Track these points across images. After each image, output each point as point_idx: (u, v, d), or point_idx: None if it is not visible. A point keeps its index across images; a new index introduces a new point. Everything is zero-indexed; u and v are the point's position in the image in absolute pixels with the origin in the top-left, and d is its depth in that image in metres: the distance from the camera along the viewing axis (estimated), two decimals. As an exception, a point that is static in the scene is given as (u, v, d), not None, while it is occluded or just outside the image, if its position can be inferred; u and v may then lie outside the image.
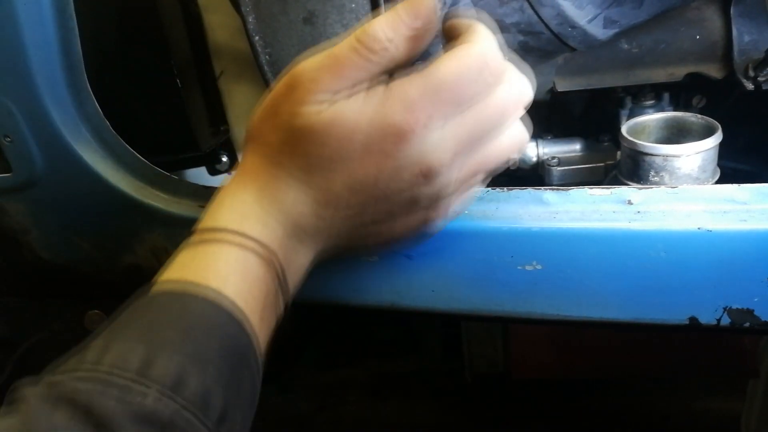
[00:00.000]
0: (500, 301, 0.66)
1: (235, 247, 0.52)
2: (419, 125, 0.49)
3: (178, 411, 0.41)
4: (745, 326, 0.60)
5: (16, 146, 0.76)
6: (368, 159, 0.51)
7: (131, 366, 0.42)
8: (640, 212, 0.61)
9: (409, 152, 0.50)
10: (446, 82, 0.49)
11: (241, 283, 0.51)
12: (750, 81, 0.70)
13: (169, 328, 0.46)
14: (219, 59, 0.94)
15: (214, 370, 0.45)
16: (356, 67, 0.50)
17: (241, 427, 0.48)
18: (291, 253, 0.56)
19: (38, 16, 0.71)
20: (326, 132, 0.51)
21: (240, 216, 0.54)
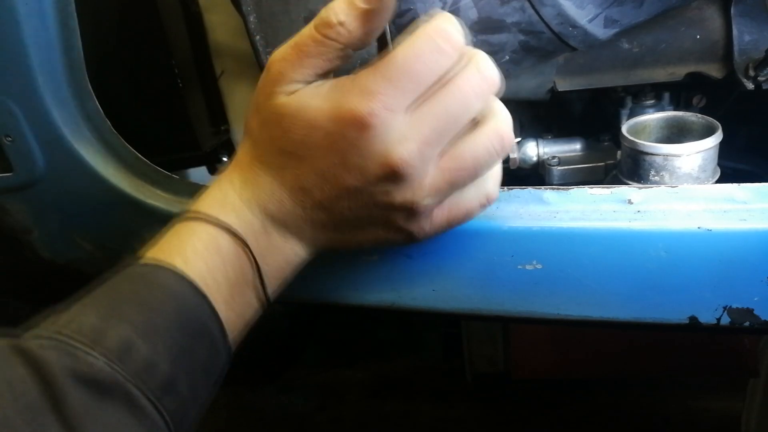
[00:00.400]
0: (500, 300, 0.66)
1: (210, 231, 0.55)
2: (378, 113, 0.49)
3: (119, 379, 0.45)
4: (745, 326, 0.60)
5: (17, 146, 0.77)
6: (332, 149, 0.51)
7: (86, 334, 0.46)
8: (641, 212, 0.61)
9: (371, 143, 0.50)
10: (402, 65, 0.49)
11: (210, 262, 0.54)
12: (750, 80, 0.70)
13: (127, 301, 0.50)
14: (219, 59, 0.94)
15: (162, 342, 0.49)
16: (315, 53, 0.51)
17: (190, 398, 0.51)
18: (270, 246, 0.57)
19: (39, 15, 0.71)
20: (294, 117, 0.52)
21: (219, 205, 0.56)
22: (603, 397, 1.93)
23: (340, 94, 0.50)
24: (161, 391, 0.47)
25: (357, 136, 0.50)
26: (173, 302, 0.51)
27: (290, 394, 2.19)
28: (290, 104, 0.52)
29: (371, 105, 0.49)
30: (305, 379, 2.23)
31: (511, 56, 0.70)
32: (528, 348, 1.72)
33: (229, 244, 0.55)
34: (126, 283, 0.52)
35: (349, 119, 0.50)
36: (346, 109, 0.50)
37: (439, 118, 0.51)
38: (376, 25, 0.51)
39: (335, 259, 0.69)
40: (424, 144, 0.51)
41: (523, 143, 0.83)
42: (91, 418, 0.44)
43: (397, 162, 0.50)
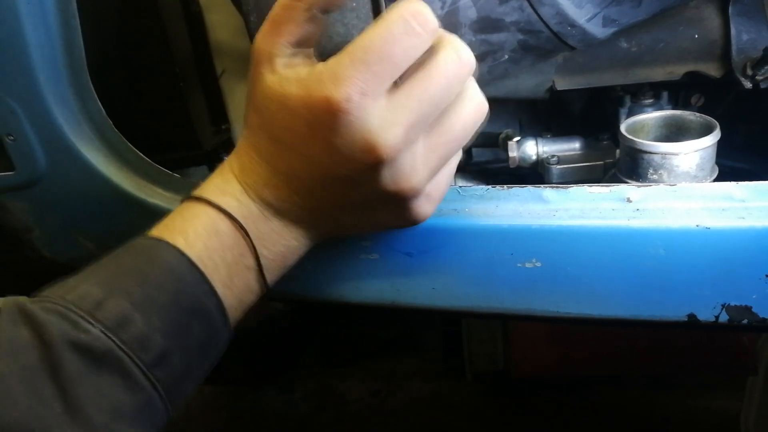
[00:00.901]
0: (500, 298, 0.66)
1: (210, 214, 0.56)
2: (353, 98, 0.48)
3: (113, 349, 0.48)
4: (744, 323, 0.60)
5: (19, 145, 0.77)
6: (315, 137, 0.51)
7: (86, 305, 0.49)
8: (639, 210, 0.61)
9: (351, 129, 0.49)
10: (376, 48, 0.48)
11: (209, 244, 0.55)
12: (748, 80, 0.70)
13: (128, 274, 0.53)
14: (220, 58, 0.94)
15: (158, 316, 0.51)
16: (284, 18, 0.51)
17: (184, 372, 0.53)
18: (270, 233, 0.58)
19: (41, 15, 0.71)
20: (278, 104, 0.52)
21: (220, 190, 0.57)
22: (603, 396, 1.93)
23: (315, 81, 0.49)
24: (154, 363, 0.50)
25: (335, 123, 0.49)
26: (172, 279, 0.53)
27: (290, 394, 2.19)
28: (274, 88, 0.52)
29: (345, 90, 0.48)
30: (305, 379, 2.23)
31: (510, 55, 0.70)
32: (528, 346, 1.73)
33: (228, 229, 0.56)
34: (129, 257, 0.54)
35: (324, 107, 0.49)
36: (321, 97, 0.49)
37: (421, 100, 0.50)
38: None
39: (336, 257, 0.70)
40: (408, 127, 0.50)
41: (523, 142, 0.83)
42: (85, 383, 0.46)
43: (383, 148, 0.50)
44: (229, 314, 0.57)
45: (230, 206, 0.56)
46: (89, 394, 0.46)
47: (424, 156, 0.53)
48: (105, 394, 0.47)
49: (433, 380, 2.14)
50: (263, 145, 0.56)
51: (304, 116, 0.50)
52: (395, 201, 0.55)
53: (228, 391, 2.24)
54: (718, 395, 1.85)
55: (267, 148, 0.55)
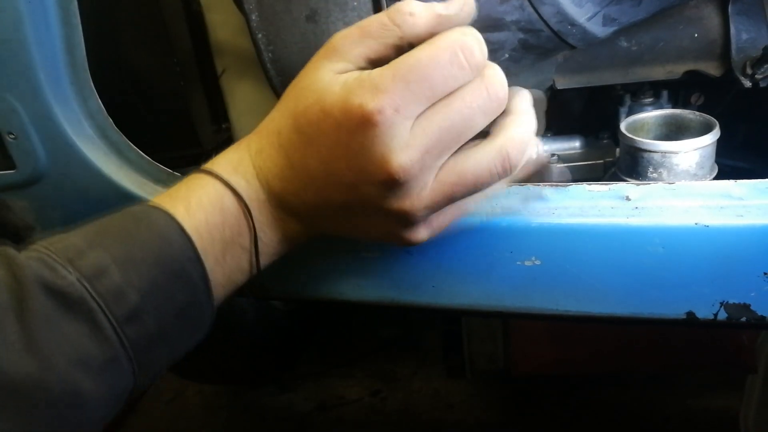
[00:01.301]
0: (499, 296, 0.66)
1: (218, 188, 0.56)
2: (385, 112, 0.49)
3: (86, 297, 0.48)
4: (742, 321, 0.61)
5: (20, 143, 0.77)
6: (338, 141, 0.52)
7: (68, 255, 0.49)
8: (638, 208, 0.62)
9: (374, 142, 0.50)
10: (417, 67, 0.49)
11: (210, 217, 0.55)
12: (747, 78, 0.70)
13: (113, 231, 0.53)
14: (221, 57, 0.95)
15: (137, 274, 0.50)
16: (375, 34, 0.52)
17: (157, 335, 0.52)
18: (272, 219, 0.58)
19: (42, 13, 0.72)
20: (316, 97, 0.53)
21: (233, 167, 0.57)
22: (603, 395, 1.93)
23: (355, 86, 0.50)
24: (125, 319, 0.49)
25: (362, 132, 0.50)
26: (157, 240, 0.52)
27: (290, 394, 2.19)
28: (321, 83, 0.53)
29: (381, 103, 0.49)
30: (305, 379, 2.23)
31: (511, 54, 0.70)
32: (528, 345, 1.73)
33: (233, 207, 0.56)
34: (118, 218, 0.54)
35: (356, 113, 0.49)
36: (357, 103, 0.49)
37: (442, 130, 0.51)
38: (443, 29, 0.52)
39: (336, 255, 0.70)
40: (425, 154, 0.51)
41: (523, 141, 0.84)
42: (51, 326, 0.46)
43: (397, 169, 0.50)
44: (215, 290, 0.56)
45: (240, 186, 0.56)
46: (54, 337, 0.46)
47: (432, 189, 0.53)
48: (70, 340, 0.47)
49: (433, 380, 2.14)
50: (287, 132, 0.55)
51: (335, 116, 0.51)
52: (393, 220, 0.55)
53: (228, 391, 2.24)
54: (718, 395, 1.85)
55: (289, 136, 0.55)
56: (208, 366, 1.88)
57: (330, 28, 0.71)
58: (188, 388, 2.26)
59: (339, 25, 0.70)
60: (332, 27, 0.70)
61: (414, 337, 2.30)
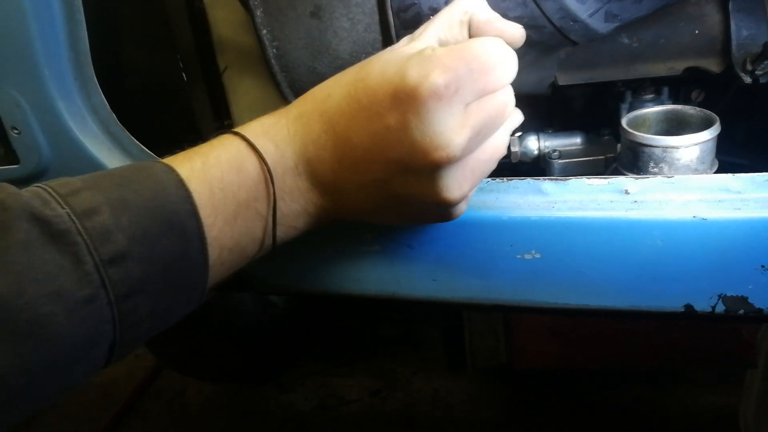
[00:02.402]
0: (500, 289, 0.67)
1: (242, 149, 0.55)
2: (450, 87, 0.50)
3: (72, 231, 0.46)
4: (740, 313, 0.61)
5: (24, 138, 0.77)
6: (395, 109, 0.51)
7: (62, 192, 0.48)
8: (637, 201, 0.62)
9: (432, 116, 0.50)
10: (482, 57, 0.51)
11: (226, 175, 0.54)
12: (748, 75, 0.70)
13: (113, 178, 0.51)
14: (223, 54, 0.95)
15: (127, 218, 0.49)
16: (446, 12, 0.59)
17: (139, 282, 0.49)
18: (295, 189, 0.57)
19: (46, 9, 0.72)
20: (381, 66, 0.53)
21: (264, 131, 0.56)
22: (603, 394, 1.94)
23: (423, 60, 0.51)
24: (110, 260, 0.47)
25: (423, 105, 0.50)
26: (153, 187, 0.51)
27: (290, 394, 2.20)
28: (389, 54, 0.54)
29: (447, 78, 0.50)
30: (305, 379, 2.24)
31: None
32: (529, 339, 1.73)
33: (253, 169, 0.55)
34: (122, 168, 0.53)
35: (419, 83, 0.50)
36: (422, 73, 0.50)
37: (489, 116, 0.54)
38: (497, 27, 0.59)
39: (337, 249, 0.70)
40: (474, 135, 0.53)
41: (525, 137, 0.84)
42: (30, 254, 0.44)
43: (454, 147, 0.51)
44: (220, 253, 0.55)
45: (266, 148, 0.55)
46: (32, 264, 0.44)
47: (472, 169, 0.55)
48: (47, 270, 0.45)
49: (433, 380, 2.15)
50: (337, 98, 0.55)
51: (394, 84, 0.51)
52: (433, 202, 0.55)
53: (228, 390, 2.24)
54: (718, 392, 1.86)
55: (339, 102, 0.54)
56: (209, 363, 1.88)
57: (334, 24, 0.71)
58: (188, 388, 2.27)
59: (343, 21, 0.71)
60: (336, 23, 0.71)
61: (414, 336, 2.30)
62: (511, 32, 0.59)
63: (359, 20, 0.70)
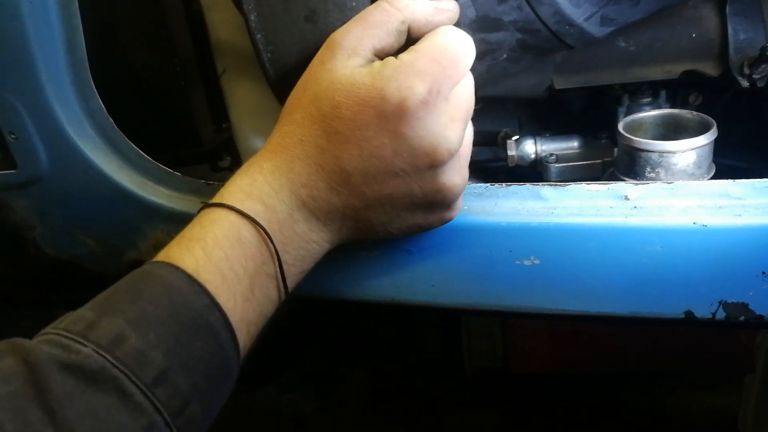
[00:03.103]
0: (499, 295, 0.67)
1: (232, 220, 0.54)
2: (432, 93, 0.51)
3: (107, 366, 0.44)
4: (740, 320, 0.61)
5: (21, 143, 0.77)
6: (383, 129, 0.52)
7: (78, 329, 0.46)
8: (637, 207, 0.62)
9: (423, 122, 0.51)
10: (449, 51, 0.52)
11: (230, 252, 0.53)
12: (745, 78, 0.70)
13: (122, 295, 0.50)
14: (221, 57, 0.95)
15: (155, 333, 0.47)
16: (377, 21, 0.55)
17: (189, 391, 0.48)
18: (294, 236, 0.56)
19: (43, 14, 0.72)
20: (347, 93, 0.52)
21: (245, 193, 0.55)
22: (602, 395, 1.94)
23: (393, 71, 0.51)
24: (155, 382, 0.46)
25: (411, 115, 0.51)
26: (168, 293, 0.50)
27: (290, 394, 2.19)
28: (343, 79, 0.53)
29: (426, 84, 0.50)
30: (305, 380, 2.23)
31: (509, 54, 0.70)
32: (527, 343, 1.73)
33: (251, 235, 0.54)
34: (124, 282, 0.52)
35: (401, 96, 0.50)
36: (402, 87, 0.50)
37: (469, 105, 0.55)
38: (439, 20, 0.56)
39: (336, 254, 0.70)
40: (463, 127, 0.54)
41: (522, 141, 0.84)
42: (76, 404, 0.43)
43: (451, 145, 0.53)
44: (248, 329, 0.54)
45: (255, 210, 0.54)
46: (82, 415, 0.43)
47: (464, 156, 0.57)
48: (101, 416, 0.43)
49: (433, 380, 2.14)
50: (313, 139, 0.55)
51: (375, 106, 0.51)
52: (440, 201, 0.57)
53: (228, 390, 2.24)
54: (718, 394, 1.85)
55: (317, 142, 0.54)
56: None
57: (329, 29, 0.71)
58: (188, 388, 2.26)
59: (337, 26, 0.70)
60: (331, 27, 0.70)
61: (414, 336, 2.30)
62: (451, 17, 0.58)
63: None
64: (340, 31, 0.56)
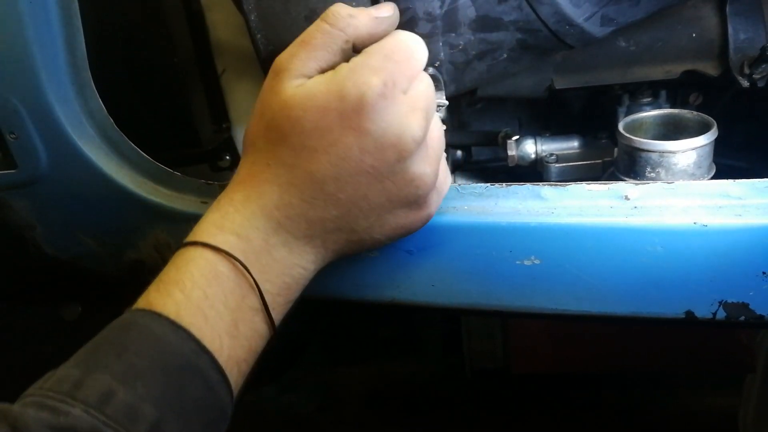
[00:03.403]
0: (499, 295, 0.67)
1: (207, 257, 0.53)
2: (387, 85, 0.51)
3: (98, 425, 0.43)
4: (741, 320, 0.61)
5: (21, 143, 0.77)
6: (348, 128, 0.52)
7: (64, 388, 0.45)
8: (637, 207, 0.62)
9: (384, 115, 0.52)
10: (400, 48, 0.53)
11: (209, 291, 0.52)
12: (745, 78, 0.70)
13: (106, 349, 0.49)
14: (221, 57, 0.95)
15: (143, 384, 0.46)
16: (320, 43, 0.54)
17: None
18: (273, 263, 0.55)
19: (43, 14, 0.72)
20: (303, 106, 0.53)
21: (217, 228, 0.55)
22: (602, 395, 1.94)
23: (348, 72, 0.52)
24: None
25: (371, 109, 0.51)
26: (152, 341, 0.49)
27: (290, 394, 2.19)
28: (297, 95, 0.53)
29: (381, 78, 0.51)
30: (305, 380, 2.23)
31: (509, 54, 0.70)
32: (527, 343, 1.73)
33: (227, 269, 0.53)
34: (105, 335, 0.50)
35: (360, 92, 0.51)
36: (358, 82, 0.51)
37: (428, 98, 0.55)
38: (381, 30, 0.56)
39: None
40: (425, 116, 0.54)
41: (522, 141, 0.84)
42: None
43: (416, 132, 0.53)
44: (238, 367, 0.53)
45: (229, 243, 0.54)
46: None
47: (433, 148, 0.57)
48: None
49: (433, 380, 2.14)
50: (280, 159, 0.54)
51: (335, 108, 0.52)
52: (414, 194, 0.56)
53: (228, 390, 2.24)
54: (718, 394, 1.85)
55: (284, 162, 0.54)
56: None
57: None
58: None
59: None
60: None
61: (414, 336, 2.30)
62: (392, 23, 0.58)
63: None
64: (284, 56, 0.56)
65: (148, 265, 0.83)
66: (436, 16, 0.66)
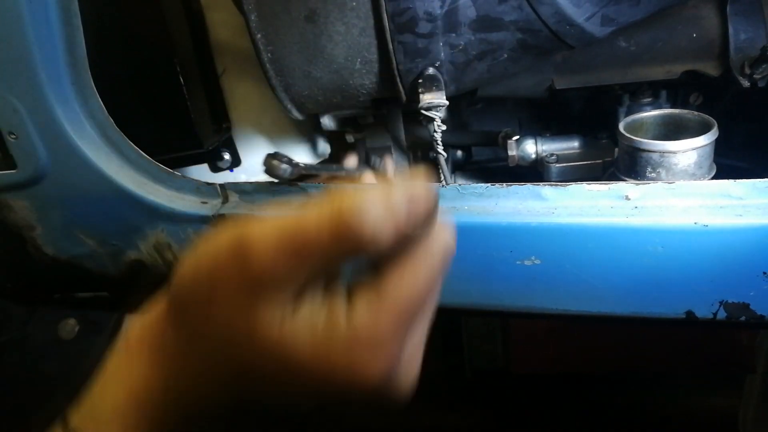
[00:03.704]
0: (499, 295, 0.66)
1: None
2: (392, 367, 0.40)
3: None
4: (741, 320, 0.61)
5: (21, 143, 0.77)
6: (324, 399, 0.44)
7: None
8: (638, 207, 0.62)
9: (374, 395, 0.42)
10: (414, 302, 0.40)
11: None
12: (746, 78, 0.70)
13: None
14: (221, 57, 0.95)
15: None
16: (323, 251, 0.37)
17: None
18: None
19: (43, 14, 0.72)
20: (279, 362, 0.40)
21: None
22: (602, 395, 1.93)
23: (344, 349, 0.39)
24: None
25: (366, 394, 0.41)
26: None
27: (290, 393, 2.18)
28: (270, 339, 0.39)
29: (386, 362, 0.39)
30: (305, 379, 2.23)
31: (510, 54, 0.70)
32: (527, 343, 1.73)
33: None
34: None
35: (359, 384, 0.40)
36: (360, 363, 0.39)
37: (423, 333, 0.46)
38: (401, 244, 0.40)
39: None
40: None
41: (522, 141, 0.84)
42: None
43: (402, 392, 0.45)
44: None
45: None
46: None
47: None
48: None
49: (433, 380, 2.14)
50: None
51: (315, 388, 0.41)
52: None
53: (228, 390, 2.23)
54: (718, 394, 1.85)
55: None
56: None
57: (329, 29, 0.71)
58: (188, 388, 2.26)
59: (337, 25, 0.70)
60: (331, 27, 0.71)
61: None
62: (420, 213, 0.40)
63: (354, 24, 0.70)
64: (264, 249, 0.37)
65: (147, 265, 0.83)
66: (437, 16, 0.66)
